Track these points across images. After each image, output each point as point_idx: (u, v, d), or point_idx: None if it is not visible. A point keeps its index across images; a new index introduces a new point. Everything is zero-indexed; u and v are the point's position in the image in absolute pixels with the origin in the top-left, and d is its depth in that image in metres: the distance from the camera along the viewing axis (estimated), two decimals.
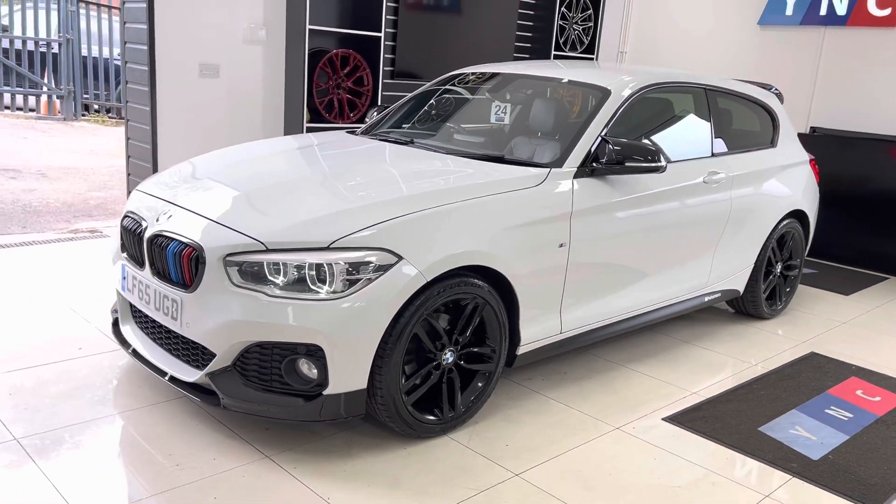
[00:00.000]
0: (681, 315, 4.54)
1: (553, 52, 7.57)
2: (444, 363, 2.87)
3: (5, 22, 11.99)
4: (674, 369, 3.79)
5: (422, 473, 2.66)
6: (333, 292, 2.56)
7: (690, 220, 3.82)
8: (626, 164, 3.32)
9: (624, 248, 3.47)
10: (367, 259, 2.58)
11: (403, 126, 4.06)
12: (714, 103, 4.21)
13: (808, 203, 4.77)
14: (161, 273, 2.81)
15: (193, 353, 2.79)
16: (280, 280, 2.57)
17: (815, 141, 6.40)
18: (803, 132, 6.59)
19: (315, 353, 2.56)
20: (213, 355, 2.65)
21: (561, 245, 3.15)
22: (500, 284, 2.99)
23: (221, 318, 2.60)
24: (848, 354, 4.22)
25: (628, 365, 3.79)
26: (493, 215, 2.92)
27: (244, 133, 5.72)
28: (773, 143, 4.63)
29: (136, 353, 3.01)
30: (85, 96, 11.78)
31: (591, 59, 7.94)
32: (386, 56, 6.35)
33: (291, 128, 5.82)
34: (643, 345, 4.09)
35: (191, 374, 2.75)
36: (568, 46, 7.75)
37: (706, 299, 4.17)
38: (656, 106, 3.98)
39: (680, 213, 3.74)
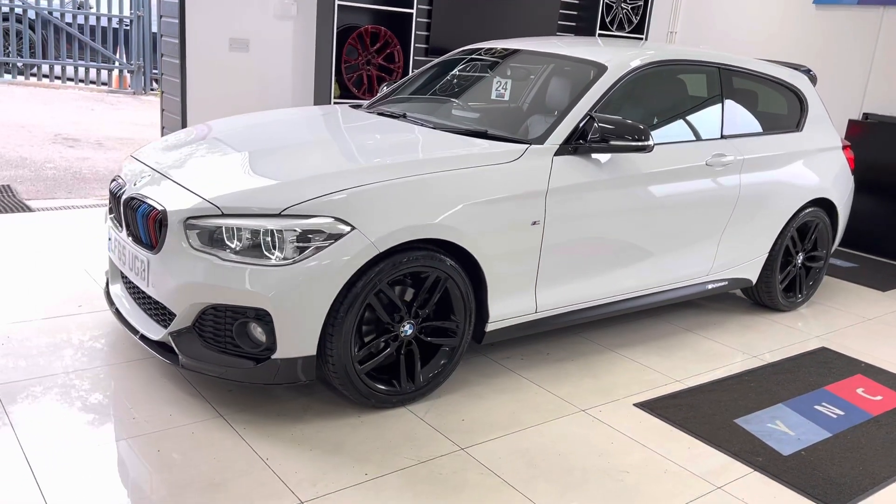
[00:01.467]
0: (684, 302, 4.42)
1: (598, 32, 7.40)
2: (403, 335, 2.88)
3: None
4: (665, 357, 3.69)
5: (367, 441, 2.69)
6: (284, 259, 2.60)
7: (688, 203, 3.68)
8: (612, 142, 3.23)
9: (609, 229, 3.39)
10: (318, 227, 2.61)
11: (405, 101, 4.06)
12: (728, 83, 4.03)
13: (838, 192, 4.52)
14: (134, 235, 2.92)
15: (161, 313, 2.89)
16: (235, 245, 2.63)
17: (866, 127, 6.06)
18: (855, 118, 6.24)
19: (264, 318, 2.61)
20: (174, 315, 2.75)
21: (534, 223, 3.11)
22: (466, 260, 2.98)
23: (180, 279, 2.68)
24: (862, 351, 4.00)
25: (617, 350, 3.71)
26: (457, 189, 2.90)
27: (273, 107, 5.83)
28: (798, 126, 4.41)
29: (118, 312, 3.14)
30: (154, 71, 12.24)
31: (640, 38, 7.72)
32: (419, 33, 6.36)
33: (320, 102, 5.91)
34: (641, 331, 3.99)
35: (156, 333, 2.86)
36: (615, 26, 7.56)
37: (709, 287, 4.03)
38: (661, 84, 3.84)
39: (675, 195, 3.61)
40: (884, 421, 3.21)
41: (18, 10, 11.18)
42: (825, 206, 4.50)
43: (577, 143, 3.27)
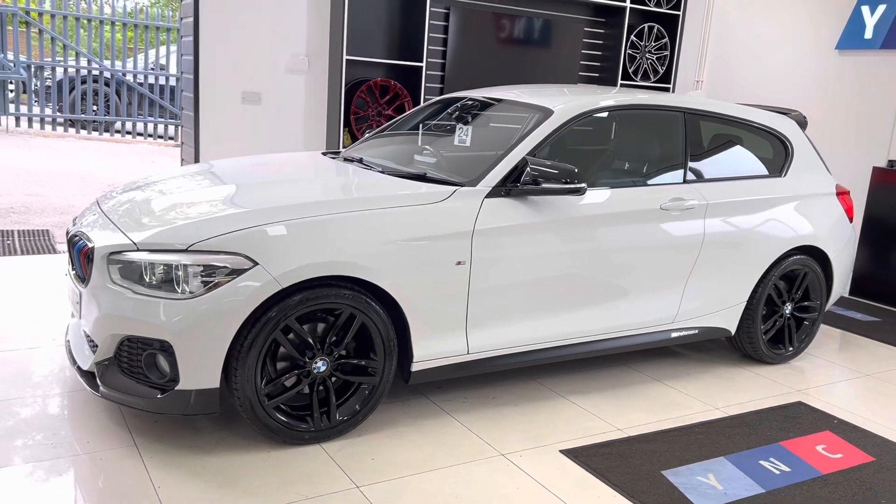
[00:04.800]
0: (660, 351, 4.29)
1: (620, 82, 7.40)
2: (316, 371, 2.92)
3: (163, 62, 13.48)
4: (617, 405, 3.58)
5: (265, 476, 2.72)
6: (190, 293, 2.71)
7: (639, 247, 3.60)
8: (543, 185, 3.23)
9: (547, 272, 3.35)
10: (221, 262, 2.72)
11: (374, 147, 4.17)
12: (694, 129, 3.96)
13: (831, 240, 4.32)
14: (76, 270, 3.11)
15: (93, 344, 3.04)
16: (150, 279, 2.77)
17: (892, 175, 5.77)
18: (880, 165, 5.95)
19: (168, 349, 2.72)
20: (96, 346, 2.89)
21: (458, 263, 3.12)
22: (386, 298, 3.01)
23: (101, 311, 2.83)
24: (842, 407, 3.76)
25: (568, 396, 3.63)
26: (374, 228, 2.96)
27: None
28: (782, 171, 4.26)
29: (67, 344, 3.32)
30: None
31: (667, 87, 7.66)
32: (432, 85, 6.53)
33: None
34: (602, 378, 3.88)
35: (85, 362, 3.01)
36: (639, 76, 7.54)
37: (673, 335, 3.89)
38: (616, 130, 3.82)
39: (622, 239, 3.55)
40: (832, 480, 3.00)
41: (95, 72, 12.11)
42: (815, 254, 4.30)
43: (512, 186, 3.28)
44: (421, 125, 4.25)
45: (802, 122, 4.50)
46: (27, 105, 11.82)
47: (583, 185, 3.24)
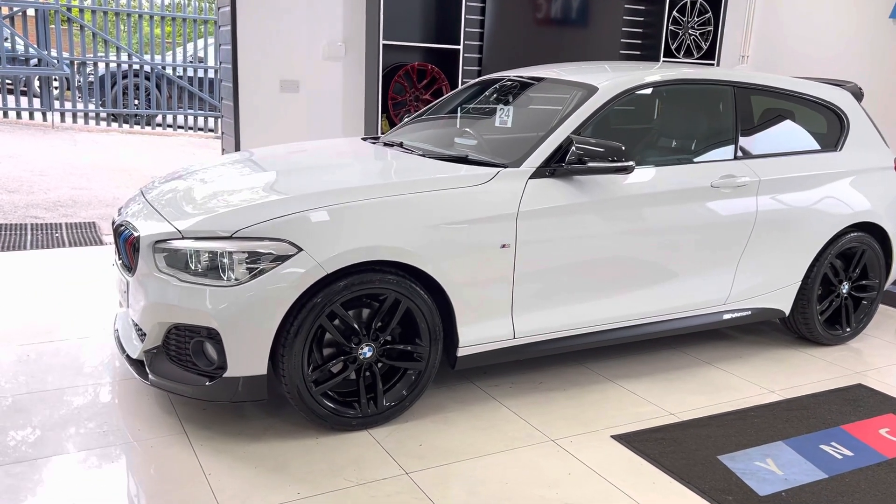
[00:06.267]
0: (711, 333, 4.17)
1: (662, 59, 7.22)
2: (362, 357, 2.90)
3: (201, 54, 13.59)
4: (668, 389, 3.49)
5: (314, 462, 2.71)
6: (236, 280, 2.70)
7: (688, 227, 3.50)
8: (589, 164, 3.15)
9: (593, 254, 3.27)
10: (266, 249, 2.70)
11: (413, 131, 4.12)
12: (745, 103, 3.82)
13: (890, 215, 4.15)
14: (123, 260, 3.13)
15: (141, 333, 3.06)
16: (196, 267, 2.76)
17: None
18: None
19: (215, 337, 2.71)
20: (144, 335, 2.91)
21: (503, 246, 3.06)
22: (431, 283, 2.97)
23: (148, 299, 2.84)
24: None
25: (618, 381, 3.55)
26: (416, 212, 2.91)
27: None
28: (837, 146, 4.10)
29: (116, 333, 3.35)
30: None
31: (711, 64, 7.45)
32: (470, 68, 6.45)
33: None
34: (651, 362, 3.79)
35: (134, 351, 3.02)
36: (682, 52, 7.34)
37: (726, 317, 3.78)
38: (662, 106, 3.71)
39: (671, 218, 3.44)
40: None
41: (136, 66, 12.26)
42: (873, 231, 4.13)
43: (556, 166, 3.20)
44: (460, 108, 4.18)
45: (858, 94, 4.32)
46: (71, 101, 12.03)
47: (631, 163, 3.15)
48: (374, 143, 4.00)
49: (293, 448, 2.80)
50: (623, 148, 3.14)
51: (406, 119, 4.56)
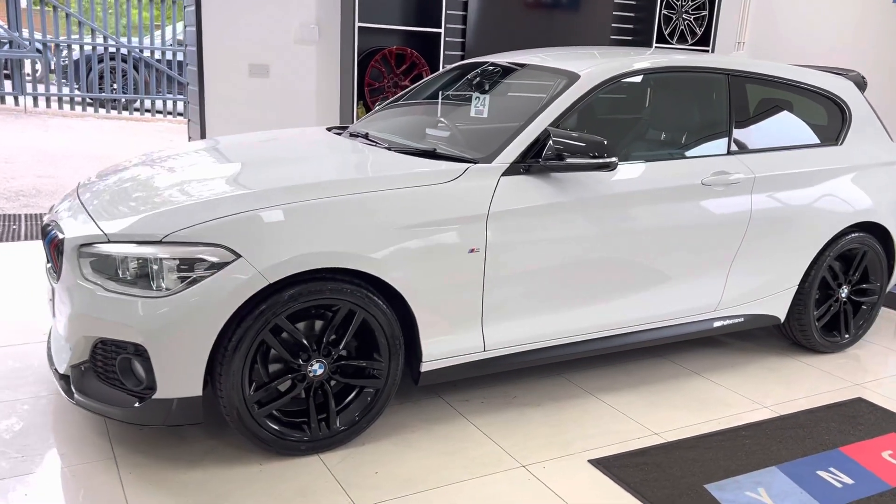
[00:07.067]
0: (699, 340, 3.89)
1: (654, 45, 6.91)
2: (312, 375, 2.61)
3: (181, 37, 13.19)
4: (654, 403, 3.22)
5: (256, 494, 2.42)
6: (166, 289, 2.40)
7: (678, 228, 3.21)
8: (567, 160, 2.85)
9: (573, 258, 2.98)
10: (200, 255, 2.39)
11: (382, 120, 3.81)
12: (740, 92, 3.53)
13: (893, 214, 3.87)
14: (50, 263, 2.82)
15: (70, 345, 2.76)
16: (122, 274, 2.46)
17: None
18: None
19: (143, 354, 2.42)
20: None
21: (472, 250, 2.76)
22: (391, 290, 2.67)
23: (72, 309, 2.53)
24: None
25: (598, 394, 3.27)
26: (372, 213, 2.61)
27: None
28: (838, 139, 3.81)
29: (47, 343, 3.04)
30: None
31: (706, 50, 7.14)
32: (452, 53, 6.12)
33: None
34: (636, 373, 3.52)
35: (61, 365, 2.72)
36: (675, 38, 7.03)
37: (716, 325, 3.50)
38: (651, 96, 3.41)
39: (659, 219, 3.15)
40: None
41: (113, 49, 11.86)
42: (876, 231, 3.85)
43: (532, 162, 2.90)
44: (435, 95, 3.87)
45: (861, 84, 4.02)
46: (44, 85, 11.63)
47: (613, 159, 2.85)
48: (338, 133, 3.68)
49: (233, 476, 2.51)
50: (605, 142, 2.85)
51: (378, 106, 4.25)
